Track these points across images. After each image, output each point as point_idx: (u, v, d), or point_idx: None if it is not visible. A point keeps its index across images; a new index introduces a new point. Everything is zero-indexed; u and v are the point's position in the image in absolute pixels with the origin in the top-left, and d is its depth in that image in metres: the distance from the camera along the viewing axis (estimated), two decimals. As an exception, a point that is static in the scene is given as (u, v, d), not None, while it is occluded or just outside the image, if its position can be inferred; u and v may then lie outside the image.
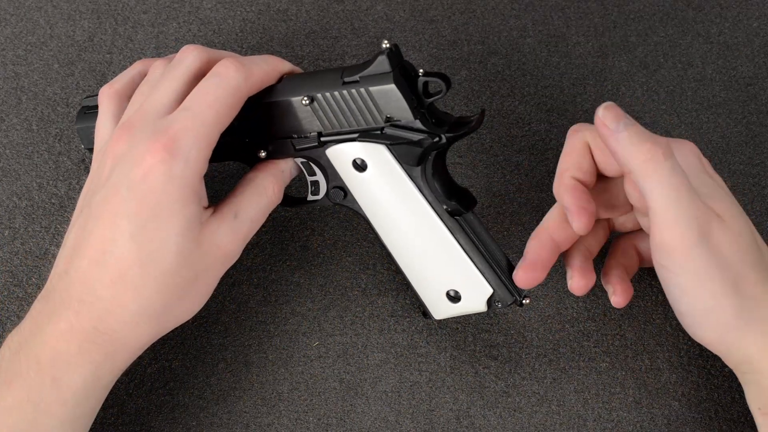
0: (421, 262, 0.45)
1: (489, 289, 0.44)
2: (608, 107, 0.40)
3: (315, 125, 0.44)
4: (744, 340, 0.40)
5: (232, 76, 0.41)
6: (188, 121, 0.39)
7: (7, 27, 0.58)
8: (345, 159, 0.44)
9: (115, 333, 0.39)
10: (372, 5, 0.59)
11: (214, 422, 0.48)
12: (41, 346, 0.39)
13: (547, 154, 0.55)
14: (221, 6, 0.59)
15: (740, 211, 0.42)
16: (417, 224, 0.44)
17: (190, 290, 0.41)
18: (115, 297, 0.39)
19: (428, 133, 0.42)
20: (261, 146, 0.45)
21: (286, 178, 0.46)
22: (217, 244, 0.41)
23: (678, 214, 0.39)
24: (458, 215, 0.44)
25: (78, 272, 0.39)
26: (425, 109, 0.42)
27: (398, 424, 0.48)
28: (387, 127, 0.42)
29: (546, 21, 0.59)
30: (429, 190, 0.43)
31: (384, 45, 0.41)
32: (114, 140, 0.41)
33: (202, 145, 0.40)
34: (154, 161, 0.38)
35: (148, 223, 0.38)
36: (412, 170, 0.43)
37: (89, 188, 0.42)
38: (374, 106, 0.42)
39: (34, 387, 0.38)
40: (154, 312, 0.40)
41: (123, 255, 0.38)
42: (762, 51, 0.58)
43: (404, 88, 0.41)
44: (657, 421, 0.48)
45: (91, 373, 0.39)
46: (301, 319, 0.50)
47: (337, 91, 0.42)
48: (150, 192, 0.38)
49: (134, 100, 0.43)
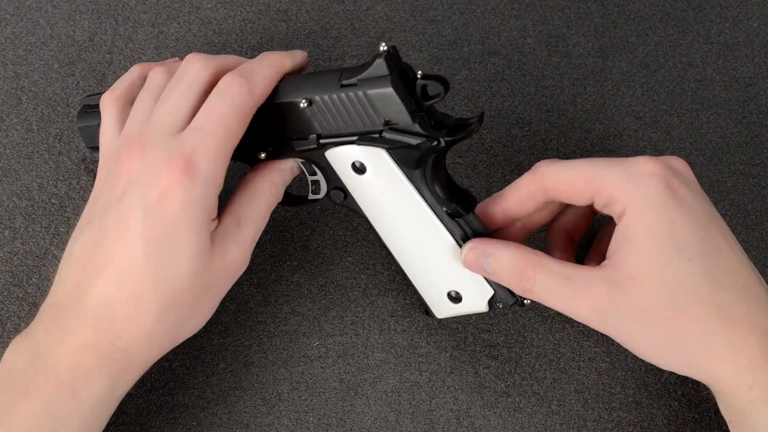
0: (421, 263, 0.45)
1: (490, 290, 0.44)
2: (471, 248, 0.43)
3: (314, 127, 0.43)
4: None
5: (237, 92, 0.41)
6: (201, 141, 0.40)
7: (7, 27, 0.58)
8: (344, 161, 0.44)
9: (130, 349, 0.40)
10: (372, 5, 0.59)
11: (214, 422, 0.48)
12: (59, 358, 0.39)
13: (547, 154, 0.55)
14: (221, 6, 0.59)
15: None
16: (417, 226, 0.44)
17: (201, 305, 0.42)
18: (130, 315, 0.39)
19: (426, 136, 0.41)
20: (261, 147, 0.45)
21: (287, 178, 0.46)
22: (225, 258, 0.41)
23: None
24: (459, 217, 0.44)
25: (93, 289, 0.39)
26: (424, 112, 0.42)
27: (398, 424, 0.48)
28: (385, 131, 0.42)
29: (546, 21, 0.59)
30: (429, 193, 0.43)
31: (382, 48, 0.41)
32: (127, 156, 0.41)
33: (218, 165, 0.40)
34: (171, 184, 0.39)
35: (163, 245, 0.39)
36: (412, 173, 0.43)
37: (99, 200, 0.42)
38: (372, 110, 0.42)
39: (53, 398, 0.39)
40: (168, 329, 0.40)
41: (138, 275, 0.39)
42: (762, 51, 0.58)
43: (402, 91, 0.41)
44: (657, 421, 0.48)
45: (108, 387, 0.40)
46: (301, 319, 0.50)
47: (335, 94, 0.42)
48: (166, 215, 0.39)
49: (137, 108, 0.43)
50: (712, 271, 0.39)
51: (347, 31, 0.58)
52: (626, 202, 0.40)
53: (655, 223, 0.39)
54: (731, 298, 0.39)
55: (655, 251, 0.39)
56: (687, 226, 0.39)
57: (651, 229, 0.39)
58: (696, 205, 0.40)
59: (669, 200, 0.40)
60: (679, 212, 0.40)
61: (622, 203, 0.40)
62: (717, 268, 0.40)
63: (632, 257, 0.39)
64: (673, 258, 0.39)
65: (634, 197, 0.40)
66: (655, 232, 0.39)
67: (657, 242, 0.39)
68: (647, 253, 0.39)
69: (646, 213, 0.40)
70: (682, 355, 0.40)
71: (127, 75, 0.47)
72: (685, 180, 0.41)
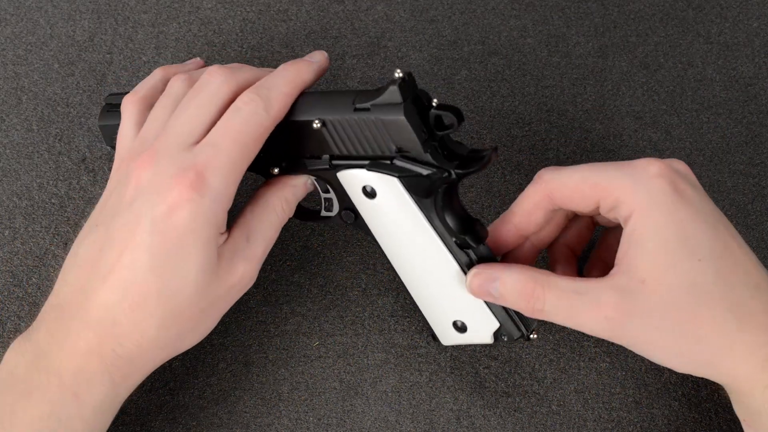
0: (429, 290, 0.45)
1: (496, 323, 0.44)
2: (475, 275, 0.42)
3: (327, 148, 0.43)
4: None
5: (254, 111, 0.40)
6: (214, 157, 0.39)
7: (7, 27, 0.58)
8: (355, 184, 0.43)
9: (132, 356, 0.40)
10: (372, 5, 0.59)
11: (214, 422, 0.48)
12: (62, 362, 0.39)
13: (547, 154, 0.55)
14: (221, 6, 0.59)
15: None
16: (426, 254, 0.43)
17: (205, 318, 0.42)
18: (133, 324, 0.39)
19: (438, 167, 0.41)
20: (274, 162, 0.45)
21: (299, 194, 0.45)
22: (233, 273, 0.41)
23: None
24: (468, 248, 0.43)
25: (96, 294, 0.39)
26: (436, 141, 0.41)
27: (398, 424, 0.48)
28: (397, 158, 0.42)
29: (546, 21, 0.59)
30: (439, 222, 0.42)
31: (397, 75, 0.40)
32: (138, 165, 0.40)
33: (229, 183, 0.40)
34: (181, 199, 0.38)
35: (169, 259, 0.39)
36: (422, 201, 0.42)
37: (109, 203, 0.42)
38: (384, 136, 0.41)
39: (57, 402, 0.39)
40: (170, 339, 0.40)
41: (142, 285, 0.39)
42: (762, 51, 0.58)
43: (415, 121, 0.40)
44: (657, 421, 0.48)
45: (110, 391, 0.40)
46: (302, 319, 0.50)
47: (348, 117, 0.41)
48: (174, 229, 0.39)
49: (155, 112, 0.43)
50: (724, 271, 0.39)
51: (347, 31, 0.58)
52: (633, 205, 0.40)
53: (663, 224, 0.39)
54: (744, 297, 0.39)
55: (664, 252, 0.39)
56: (696, 226, 0.39)
57: (659, 230, 0.39)
58: (702, 205, 0.40)
59: (676, 201, 0.39)
60: (687, 213, 0.39)
61: (628, 206, 0.40)
62: (728, 267, 0.39)
63: (642, 260, 0.39)
64: (683, 258, 0.39)
65: (641, 199, 0.39)
66: (664, 233, 0.39)
67: (666, 243, 0.39)
68: (657, 255, 0.39)
69: (654, 214, 0.39)
70: (699, 357, 0.40)
71: (150, 78, 0.47)
72: (690, 181, 0.41)
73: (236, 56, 0.57)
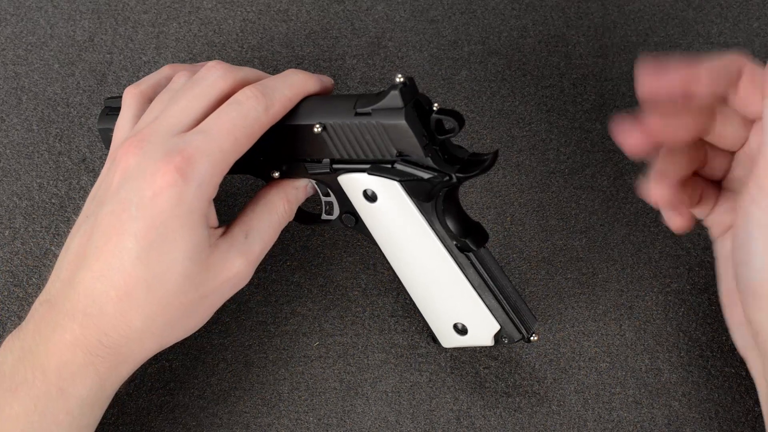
0: (429, 293, 0.45)
1: (496, 326, 0.44)
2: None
3: (327, 152, 0.43)
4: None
5: (253, 107, 0.40)
6: (204, 144, 0.39)
7: (7, 27, 0.58)
8: (356, 188, 0.43)
9: (119, 347, 0.39)
10: (372, 5, 0.59)
11: (214, 422, 0.48)
12: (47, 355, 0.39)
13: (547, 154, 0.55)
14: (221, 6, 0.59)
15: None
16: (426, 258, 0.43)
17: (195, 310, 0.41)
18: (120, 313, 0.39)
19: (438, 171, 0.41)
20: (275, 166, 0.45)
21: (300, 197, 0.45)
22: (227, 267, 0.41)
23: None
24: (468, 251, 0.43)
25: (83, 284, 0.39)
26: (437, 146, 0.41)
27: (398, 424, 0.48)
28: (398, 162, 0.42)
29: (546, 21, 0.59)
30: (439, 226, 0.43)
31: (397, 79, 0.40)
32: (124, 151, 0.40)
33: (216, 171, 0.39)
34: (165, 183, 0.38)
35: (155, 245, 0.38)
36: (423, 205, 0.42)
37: (97, 194, 0.42)
38: (385, 140, 0.41)
39: (41, 396, 0.38)
40: (158, 329, 0.40)
41: (129, 273, 0.38)
42: (762, 51, 0.58)
43: (416, 125, 0.40)
44: (657, 421, 0.48)
45: (96, 384, 0.39)
46: (302, 319, 0.50)
47: (349, 121, 0.41)
48: (159, 213, 0.38)
49: (153, 107, 0.43)
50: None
51: (347, 31, 0.58)
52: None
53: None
54: None
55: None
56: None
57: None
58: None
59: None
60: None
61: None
62: None
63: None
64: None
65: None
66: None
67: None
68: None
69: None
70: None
71: (156, 73, 0.47)
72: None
73: (236, 56, 0.57)
